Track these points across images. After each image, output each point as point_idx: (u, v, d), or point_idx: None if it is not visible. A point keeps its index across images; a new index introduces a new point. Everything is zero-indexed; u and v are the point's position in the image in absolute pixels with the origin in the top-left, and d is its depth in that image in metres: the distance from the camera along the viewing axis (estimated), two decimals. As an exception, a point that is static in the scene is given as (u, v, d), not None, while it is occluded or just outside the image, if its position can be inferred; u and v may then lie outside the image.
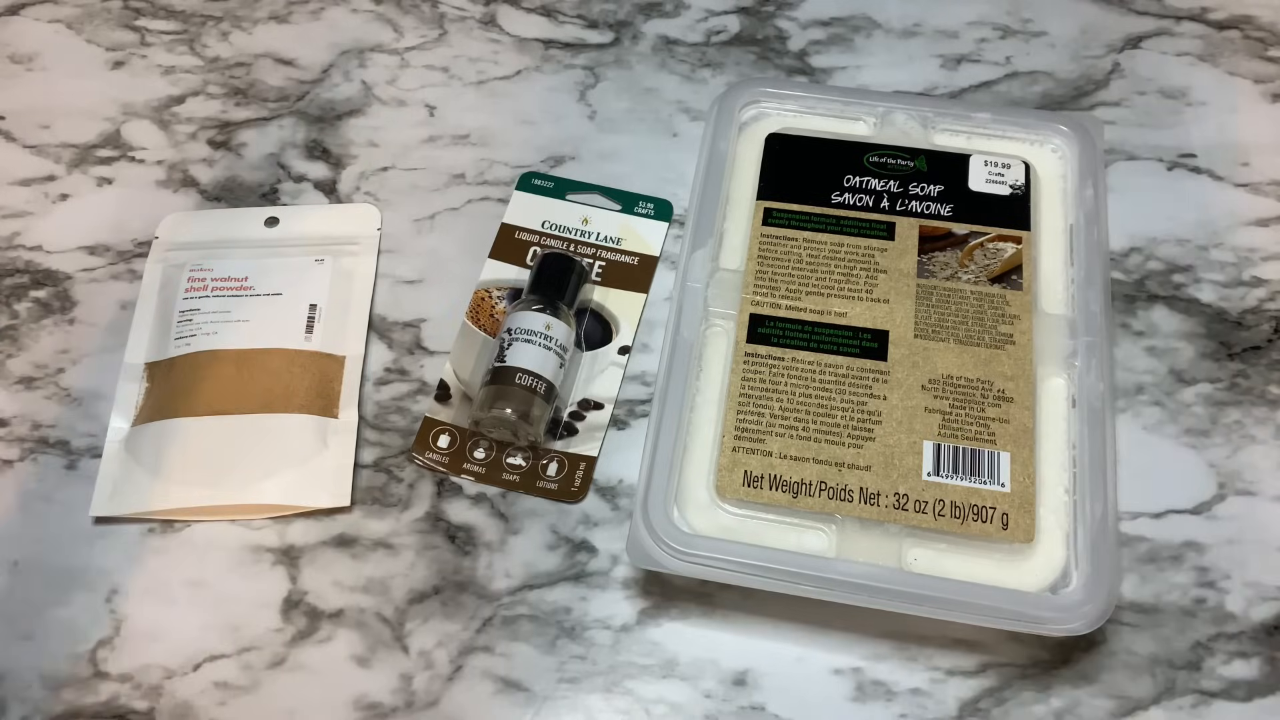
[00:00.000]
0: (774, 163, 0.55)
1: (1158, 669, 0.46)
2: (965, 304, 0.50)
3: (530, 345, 0.50)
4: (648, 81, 0.62)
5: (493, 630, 0.47)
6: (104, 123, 0.61)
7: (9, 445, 0.52)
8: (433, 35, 0.64)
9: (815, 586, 0.44)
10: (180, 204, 0.58)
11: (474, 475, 0.50)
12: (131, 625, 0.47)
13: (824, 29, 0.63)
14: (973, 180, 0.53)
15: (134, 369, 0.53)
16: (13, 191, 0.59)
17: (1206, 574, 0.47)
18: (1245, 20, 0.63)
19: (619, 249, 0.56)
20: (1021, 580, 0.44)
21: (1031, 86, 0.61)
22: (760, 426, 0.47)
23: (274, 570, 0.49)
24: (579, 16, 0.64)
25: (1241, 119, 0.59)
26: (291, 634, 0.47)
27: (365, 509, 0.50)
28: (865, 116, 0.56)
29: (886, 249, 0.52)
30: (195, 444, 0.50)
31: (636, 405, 0.52)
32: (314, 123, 0.61)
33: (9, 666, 0.47)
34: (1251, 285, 0.54)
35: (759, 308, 0.50)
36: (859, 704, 0.45)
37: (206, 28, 0.64)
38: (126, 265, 0.57)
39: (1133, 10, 0.63)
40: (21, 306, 0.56)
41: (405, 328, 0.55)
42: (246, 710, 0.46)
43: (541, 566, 0.48)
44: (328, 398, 0.52)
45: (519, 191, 0.58)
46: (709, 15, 0.64)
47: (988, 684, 0.45)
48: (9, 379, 0.54)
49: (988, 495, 0.45)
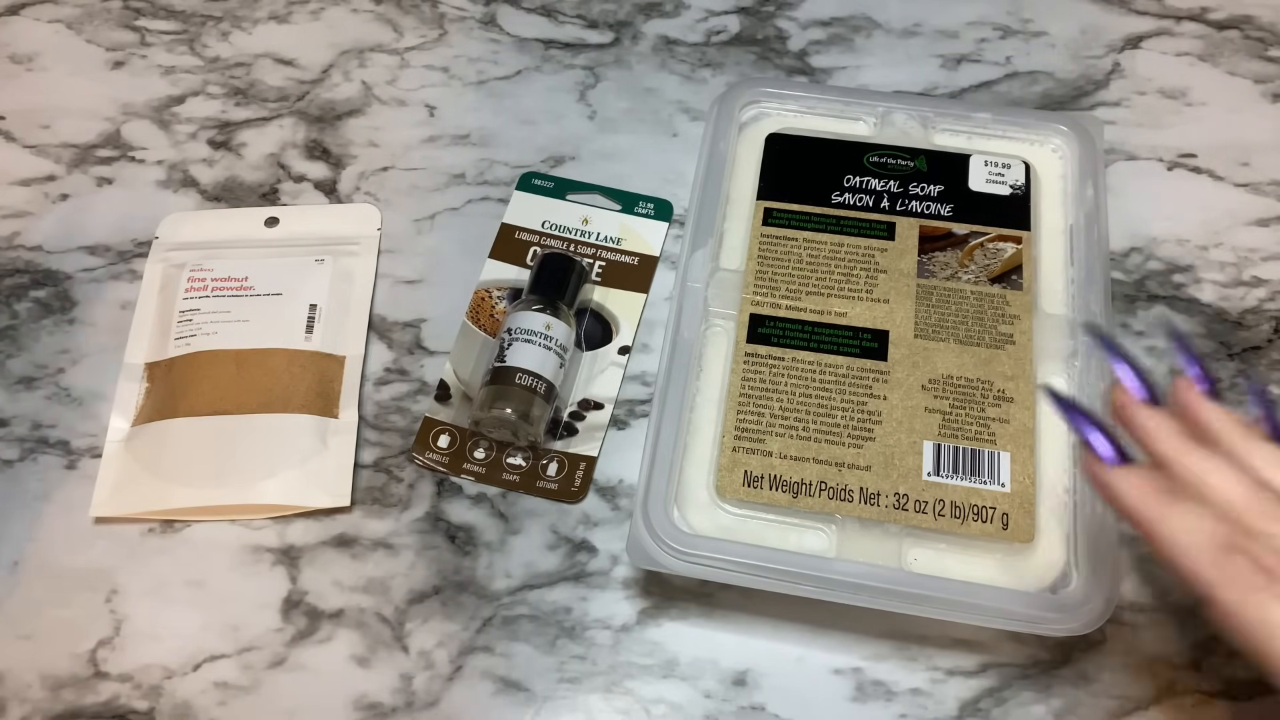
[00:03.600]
0: (774, 163, 0.55)
1: (1158, 669, 0.46)
2: (965, 304, 0.50)
3: (530, 345, 0.50)
4: (648, 81, 0.62)
5: (493, 630, 0.47)
6: (104, 123, 0.61)
7: (9, 445, 0.52)
8: (433, 35, 0.64)
9: (815, 586, 0.44)
10: (180, 204, 0.58)
11: (474, 475, 0.50)
12: (131, 625, 0.47)
13: (824, 29, 0.63)
14: (973, 180, 0.53)
15: (134, 369, 0.53)
16: (13, 191, 0.59)
17: (1206, 574, 0.47)
18: (1245, 20, 0.63)
19: (619, 249, 0.56)
20: (1021, 580, 0.44)
21: (1031, 86, 0.61)
22: (760, 426, 0.47)
23: (274, 570, 0.49)
24: (579, 16, 0.64)
25: (1241, 119, 0.59)
26: (291, 634, 0.47)
27: (365, 509, 0.50)
28: (865, 116, 0.56)
29: (886, 249, 0.52)
30: (195, 444, 0.50)
31: (636, 405, 0.52)
32: (314, 123, 0.61)
33: (9, 666, 0.47)
34: (1251, 285, 0.54)
35: (759, 308, 0.50)
36: (859, 704, 0.45)
37: (206, 28, 0.64)
38: (126, 265, 0.57)
39: (1133, 10, 0.63)
40: (21, 306, 0.56)
41: (405, 328, 0.55)
42: (246, 710, 0.46)
43: (541, 566, 0.48)
44: (328, 398, 0.52)
45: (519, 191, 0.58)
46: (709, 15, 0.64)
47: (988, 684, 0.45)
48: (9, 379, 0.54)
49: (988, 495, 0.45)
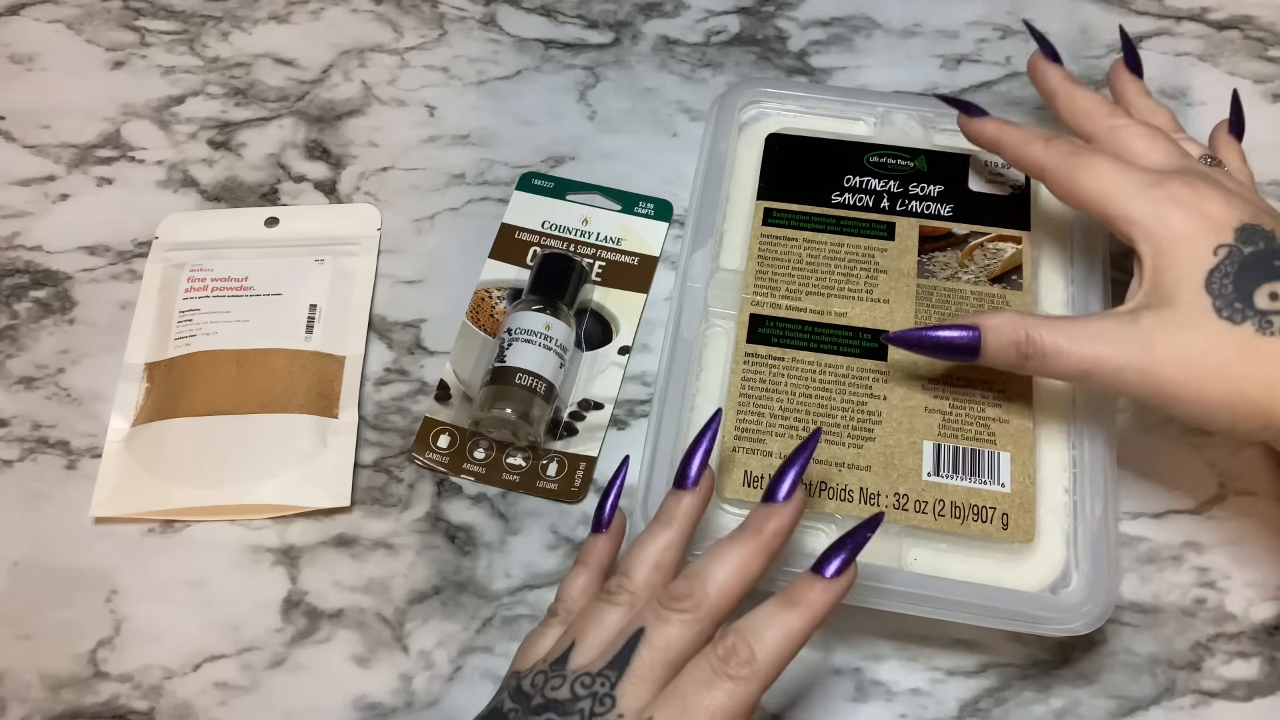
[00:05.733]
0: (774, 163, 0.55)
1: (1158, 669, 0.46)
2: (965, 304, 0.50)
3: (530, 345, 0.50)
4: (648, 81, 0.62)
5: (493, 630, 0.47)
6: (104, 123, 0.61)
7: (9, 445, 0.52)
8: (433, 35, 0.64)
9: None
10: (180, 204, 0.59)
11: (474, 475, 0.50)
12: (131, 625, 0.47)
13: (824, 29, 0.63)
14: (973, 180, 0.53)
15: (134, 369, 0.53)
16: (13, 191, 0.59)
17: (1206, 574, 0.47)
18: (1245, 20, 0.63)
19: (619, 249, 0.56)
20: (1021, 580, 0.44)
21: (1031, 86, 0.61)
22: (760, 426, 0.47)
23: (274, 570, 0.49)
24: (579, 16, 0.64)
25: (1241, 119, 0.59)
26: (291, 634, 0.47)
27: (365, 509, 0.50)
28: (865, 116, 0.56)
29: (886, 249, 0.52)
30: (195, 444, 0.50)
31: (636, 405, 0.52)
32: (314, 123, 0.61)
33: (9, 666, 0.47)
34: (1251, 285, 0.54)
35: (759, 308, 0.50)
36: (859, 704, 0.45)
37: (206, 28, 0.64)
38: (126, 265, 0.57)
39: (1133, 10, 0.63)
40: (21, 306, 0.56)
41: (405, 328, 0.55)
42: (246, 710, 0.46)
43: (541, 566, 0.48)
44: (328, 398, 0.52)
45: (519, 191, 0.58)
46: (709, 15, 0.64)
47: (988, 684, 0.45)
48: (9, 379, 0.54)
49: (988, 495, 0.45)
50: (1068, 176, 0.43)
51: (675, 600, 0.35)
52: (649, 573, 0.37)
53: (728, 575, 0.36)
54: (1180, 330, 0.38)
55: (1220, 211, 0.40)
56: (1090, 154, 0.43)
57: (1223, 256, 0.39)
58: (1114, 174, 0.42)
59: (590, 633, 0.36)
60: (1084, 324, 0.41)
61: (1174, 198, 0.40)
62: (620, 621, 0.36)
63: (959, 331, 0.42)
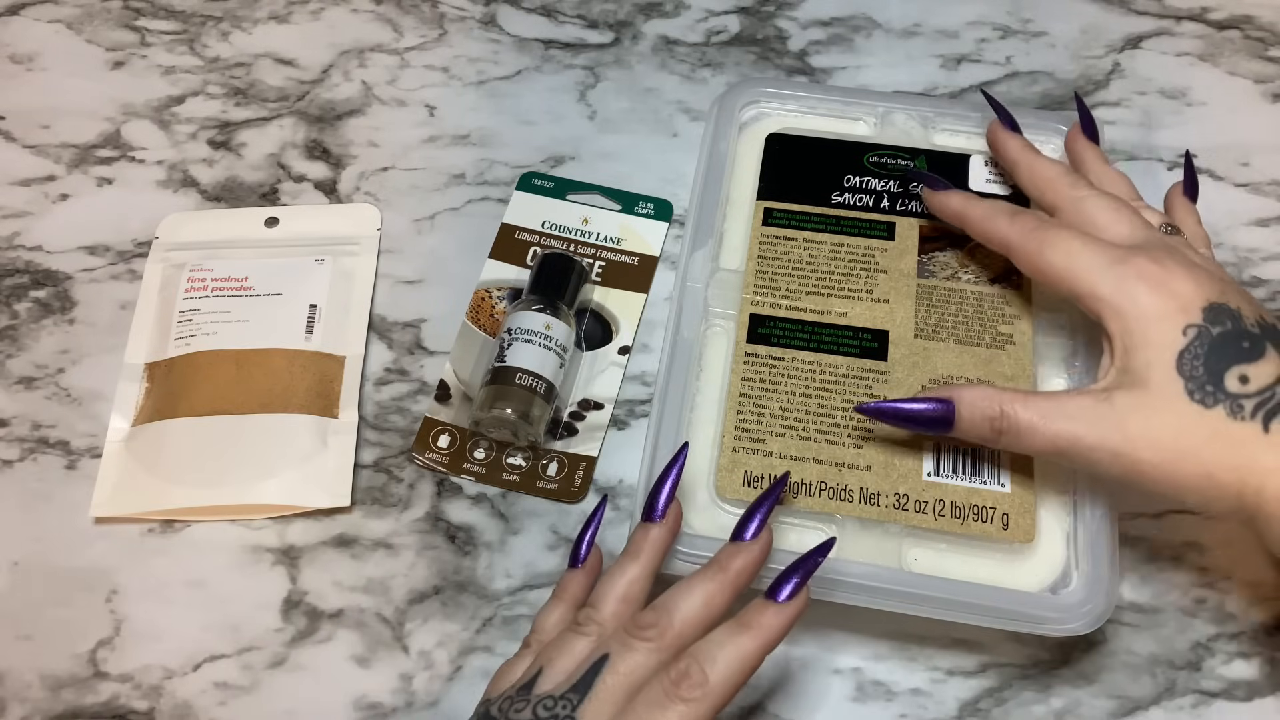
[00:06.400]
0: (774, 163, 0.55)
1: (1158, 669, 0.46)
2: (965, 304, 0.50)
3: (530, 345, 0.50)
4: (648, 81, 0.62)
5: (493, 630, 0.47)
6: (104, 123, 0.61)
7: (9, 445, 0.52)
8: (433, 35, 0.64)
9: (815, 586, 0.43)
10: (180, 204, 0.59)
11: (474, 475, 0.50)
12: (131, 625, 0.47)
13: (824, 29, 0.63)
14: (973, 180, 0.53)
15: (134, 369, 0.53)
16: (13, 191, 0.59)
17: (1206, 574, 0.47)
18: (1245, 20, 0.63)
19: (619, 249, 0.56)
20: (1021, 580, 0.44)
21: (1031, 86, 0.61)
22: (760, 426, 0.47)
23: (274, 570, 0.49)
24: (579, 16, 0.64)
25: (1241, 119, 0.59)
26: (291, 634, 0.47)
27: (365, 509, 0.50)
28: (865, 116, 0.56)
29: (886, 249, 0.52)
30: (195, 444, 0.50)
31: (636, 405, 0.52)
32: (314, 123, 0.61)
33: (9, 666, 0.47)
34: (1251, 285, 0.54)
35: (759, 308, 0.50)
36: (859, 704, 0.45)
37: (206, 28, 0.64)
38: (126, 265, 0.57)
39: (1133, 10, 0.63)
40: (21, 306, 0.56)
41: (405, 328, 0.55)
42: (246, 710, 0.46)
43: (542, 566, 0.49)
44: (328, 398, 0.52)
45: (519, 191, 0.58)
46: (709, 15, 0.64)
47: (988, 684, 0.45)
48: (9, 379, 0.54)
49: (988, 495, 0.45)
50: (1035, 252, 0.43)
51: (641, 629, 0.36)
52: (616, 605, 0.38)
53: (692, 608, 0.37)
54: (1154, 413, 0.39)
55: (1187, 289, 0.40)
56: (1055, 229, 0.43)
57: (1192, 337, 0.39)
58: (1080, 250, 0.42)
59: (557, 660, 0.37)
60: (1059, 402, 0.40)
61: (1141, 274, 0.40)
62: (586, 650, 0.37)
63: (932, 404, 0.42)
